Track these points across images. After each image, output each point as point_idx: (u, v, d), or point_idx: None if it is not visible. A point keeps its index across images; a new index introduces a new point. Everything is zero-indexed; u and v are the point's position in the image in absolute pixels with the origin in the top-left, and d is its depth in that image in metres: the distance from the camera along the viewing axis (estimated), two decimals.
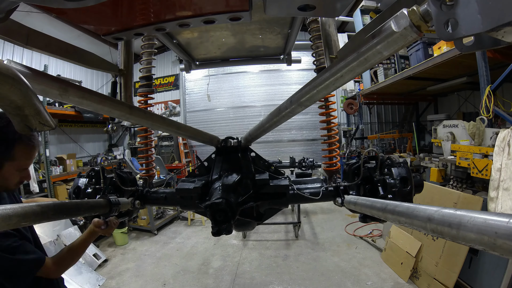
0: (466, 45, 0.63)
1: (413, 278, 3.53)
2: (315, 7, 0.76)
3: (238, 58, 2.22)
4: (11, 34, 0.93)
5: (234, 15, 0.91)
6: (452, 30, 0.46)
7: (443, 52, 4.24)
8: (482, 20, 0.40)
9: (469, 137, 3.81)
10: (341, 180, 1.47)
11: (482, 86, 3.56)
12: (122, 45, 1.73)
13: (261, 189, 1.44)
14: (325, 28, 1.60)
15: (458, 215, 0.45)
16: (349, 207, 1.25)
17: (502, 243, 0.37)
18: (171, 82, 10.21)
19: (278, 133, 9.49)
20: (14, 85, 0.52)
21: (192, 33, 1.68)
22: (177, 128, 1.36)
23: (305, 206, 6.56)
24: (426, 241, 3.48)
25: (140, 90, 1.77)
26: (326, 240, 5.03)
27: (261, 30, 1.70)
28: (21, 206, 0.69)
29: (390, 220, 0.75)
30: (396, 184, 1.21)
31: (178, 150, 9.32)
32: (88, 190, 1.42)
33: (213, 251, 4.91)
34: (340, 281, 3.74)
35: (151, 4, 0.92)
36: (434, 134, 4.90)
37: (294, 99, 0.97)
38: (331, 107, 1.69)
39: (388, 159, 1.32)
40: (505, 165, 2.71)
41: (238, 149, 1.54)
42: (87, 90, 0.85)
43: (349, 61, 0.69)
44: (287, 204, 1.54)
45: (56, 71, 7.92)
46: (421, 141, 8.18)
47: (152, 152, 1.81)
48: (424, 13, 0.52)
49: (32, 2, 0.61)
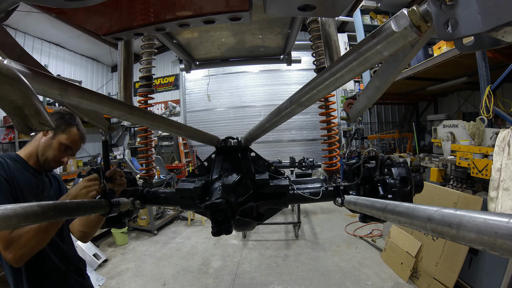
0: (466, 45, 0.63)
1: (413, 278, 3.53)
2: (315, 7, 0.76)
3: (238, 58, 2.22)
4: (3, 47, 0.92)
5: (234, 15, 0.91)
6: (452, 30, 0.46)
7: (443, 52, 4.25)
8: (482, 20, 0.40)
9: (469, 137, 3.81)
10: (341, 180, 1.47)
11: (482, 86, 3.56)
12: (122, 45, 1.72)
13: (261, 189, 1.44)
14: (325, 28, 1.60)
15: (458, 215, 0.45)
16: (349, 207, 1.25)
17: (502, 243, 0.37)
18: (171, 82, 10.21)
19: (278, 133, 9.50)
20: (14, 85, 0.52)
21: (192, 33, 1.68)
22: (177, 128, 1.35)
23: (305, 206, 6.57)
24: (426, 241, 3.48)
25: (140, 90, 1.77)
26: (326, 240, 5.03)
27: (261, 30, 1.70)
28: (21, 206, 0.69)
29: (390, 220, 0.75)
30: (396, 184, 1.21)
31: (178, 150, 9.32)
32: None
33: (213, 251, 4.92)
34: (340, 281, 3.74)
35: (151, 4, 0.92)
36: (434, 134, 4.90)
37: (294, 99, 0.97)
38: (331, 107, 1.69)
39: (388, 159, 1.32)
40: (505, 165, 2.72)
41: (238, 149, 1.54)
42: (87, 90, 0.85)
43: (349, 61, 0.69)
44: (287, 204, 1.54)
45: (56, 71, 7.93)
46: (421, 141, 8.19)
47: (152, 152, 1.81)
48: (424, 13, 0.52)
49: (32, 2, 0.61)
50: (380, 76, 1.05)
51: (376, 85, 1.11)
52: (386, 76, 1.02)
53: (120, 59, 1.73)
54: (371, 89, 1.17)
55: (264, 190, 1.44)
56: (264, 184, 1.44)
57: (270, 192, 1.45)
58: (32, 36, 7.45)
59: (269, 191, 1.44)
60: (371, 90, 1.17)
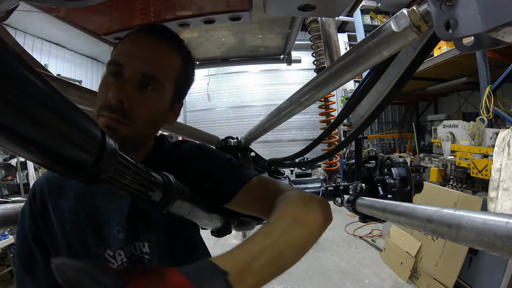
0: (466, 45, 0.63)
1: (413, 278, 3.54)
2: (315, 7, 0.76)
3: (238, 58, 2.21)
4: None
5: (234, 15, 0.91)
6: (452, 30, 0.46)
7: (443, 52, 4.25)
8: (482, 20, 0.40)
9: (469, 137, 3.81)
10: (341, 180, 1.47)
11: (482, 86, 3.56)
12: None
13: None
14: (325, 28, 1.60)
15: (457, 215, 0.45)
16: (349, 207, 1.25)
17: (502, 245, 0.37)
18: None
19: (278, 133, 9.49)
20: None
21: (192, 32, 1.68)
22: (177, 128, 1.36)
23: None
24: (426, 241, 3.48)
25: None
26: (326, 240, 5.03)
27: (261, 30, 1.70)
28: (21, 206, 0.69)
29: (390, 220, 0.75)
30: (395, 184, 1.21)
31: None
32: None
33: (213, 251, 4.87)
34: (340, 281, 3.74)
35: (151, 4, 0.92)
36: (434, 134, 4.90)
37: (294, 99, 0.97)
38: (331, 107, 1.69)
39: (388, 159, 1.32)
40: (505, 165, 2.72)
41: (238, 149, 1.55)
42: (87, 90, 0.85)
43: (349, 61, 0.69)
44: None
45: (56, 70, 7.92)
46: (421, 141, 8.19)
47: None
48: (424, 13, 0.52)
49: (32, 1, 0.61)
50: (382, 80, 1.05)
51: (378, 90, 1.11)
52: (389, 80, 1.01)
53: None
54: (373, 94, 1.16)
55: None
56: None
57: None
58: (32, 36, 7.44)
59: None
60: (373, 95, 1.16)
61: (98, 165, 0.33)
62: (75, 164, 0.32)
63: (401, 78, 0.91)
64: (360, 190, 1.27)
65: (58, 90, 0.29)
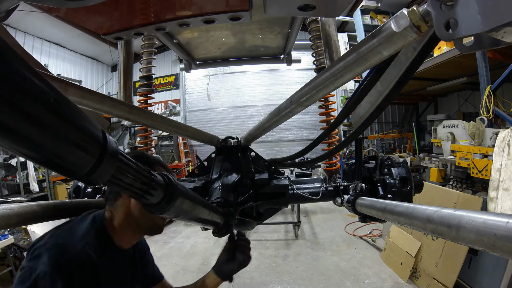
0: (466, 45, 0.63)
1: (413, 278, 3.53)
2: (315, 7, 0.76)
3: (238, 58, 2.22)
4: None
5: (234, 15, 0.91)
6: (452, 30, 0.46)
7: (443, 52, 4.25)
8: (482, 20, 0.40)
9: (469, 137, 3.82)
10: (341, 180, 1.47)
11: (482, 86, 3.56)
12: (122, 45, 1.73)
13: (261, 189, 1.44)
14: (325, 28, 1.60)
15: (457, 215, 0.45)
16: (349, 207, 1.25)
17: (502, 245, 0.37)
18: (171, 81, 10.20)
19: (278, 133, 9.49)
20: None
21: (192, 32, 1.68)
22: (176, 127, 1.36)
23: (304, 206, 6.56)
24: (426, 241, 3.48)
25: (140, 89, 1.78)
26: (326, 240, 5.03)
27: (261, 30, 1.70)
28: (21, 206, 0.70)
29: (390, 220, 0.75)
30: (396, 184, 1.21)
31: (178, 150, 9.32)
32: (88, 190, 1.42)
33: (212, 250, 4.91)
34: (340, 281, 3.74)
35: (151, 4, 0.92)
36: (434, 134, 4.90)
37: (294, 99, 0.97)
38: (331, 107, 1.69)
39: (388, 159, 1.32)
40: (505, 165, 2.72)
41: (238, 149, 1.54)
42: (87, 90, 0.85)
43: (349, 61, 0.69)
44: (286, 204, 1.54)
45: (56, 70, 7.92)
46: (421, 141, 8.19)
47: (152, 151, 1.81)
48: (424, 13, 0.52)
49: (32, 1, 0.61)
50: (382, 80, 1.05)
51: (378, 90, 1.11)
52: (389, 80, 1.01)
53: (120, 59, 1.73)
54: (373, 94, 1.16)
55: (264, 190, 1.44)
56: (264, 184, 1.44)
57: (270, 192, 1.45)
58: (32, 36, 7.45)
59: (269, 191, 1.45)
60: (373, 95, 1.16)
61: (99, 165, 0.33)
62: (77, 164, 0.32)
63: (401, 78, 0.91)
64: (360, 190, 1.27)
65: (59, 90, 0.29)
